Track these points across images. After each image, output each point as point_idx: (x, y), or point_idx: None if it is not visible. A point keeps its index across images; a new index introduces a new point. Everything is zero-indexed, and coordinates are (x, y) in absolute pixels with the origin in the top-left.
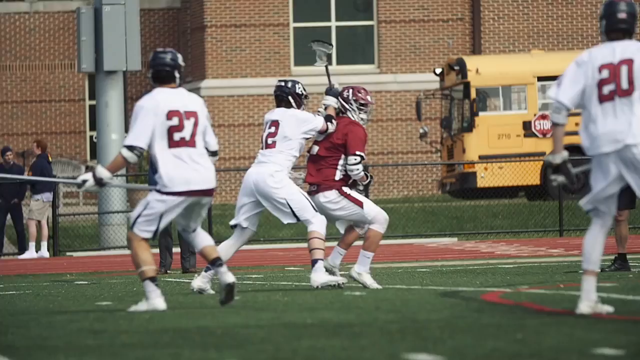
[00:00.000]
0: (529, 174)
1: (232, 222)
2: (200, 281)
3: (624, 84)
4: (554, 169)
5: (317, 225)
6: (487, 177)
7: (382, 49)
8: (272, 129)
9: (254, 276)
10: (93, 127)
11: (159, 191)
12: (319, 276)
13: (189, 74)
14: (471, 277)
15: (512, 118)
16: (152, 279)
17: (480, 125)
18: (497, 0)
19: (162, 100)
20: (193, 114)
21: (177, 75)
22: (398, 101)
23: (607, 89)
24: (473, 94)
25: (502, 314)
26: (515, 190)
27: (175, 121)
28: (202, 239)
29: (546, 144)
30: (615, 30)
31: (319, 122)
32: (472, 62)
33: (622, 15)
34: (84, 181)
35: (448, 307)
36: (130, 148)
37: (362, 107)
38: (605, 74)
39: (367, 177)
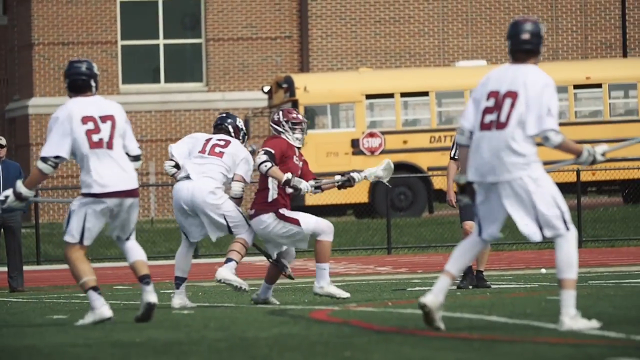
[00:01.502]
0: (357, 192)
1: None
2: (178, 299)
3: (502, 117)
4: (460, 189)
5: (246, 234)
6: (316, 195)
7: (210, 67)
8: (222, 142)
9: (82, 295)
10: None
11: (82, 193)
12: (225, 271)
13: (17, 92)
14: (299, 295)
15: (340, 136)
16: (95, 289)
17: (308, 143)
18: (325, 19)
19: (75, 108)
20: (109, 117)
21: (93, 84)
22: None
23: (488, 118)
24: (301, 112)
25: (330, 332)
26: (343, 208)
27: (90, 125)
28: (134, 252)
29: (374, 162)
30: (519, 50)
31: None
32: (300, 80)
33: (525, 36)
34: (6, 197)
35: (277, 325)
36: (44, 159)
37: (295, 127)
38: (490, 102)
39: (285, 177)
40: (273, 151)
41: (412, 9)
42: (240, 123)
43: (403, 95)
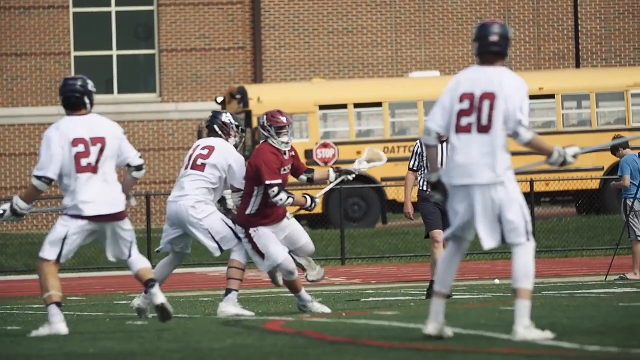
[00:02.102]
0: None
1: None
2: (139, 300)
3: (484, 120)
4: (432, 187)
5: (238, 254)
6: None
7: (163, 78)
8: (206, 152)
9: (35, 306)
10: None
11: (67, 214)
12: (227, 306)
13: None
14: (254, 305)
15: (294, 147)
16: (58, 304)
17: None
18: (278, 30)
19: (67, 129)
20: (100, 140)
21: (87, 101)
22: (180, 130)
23: (465, 121)
24: (255, 123)
25: (284, 343)
26: (297, 218)
27: (81, 148)
28: (137, 263)
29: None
30: (487, 52)
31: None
32: (253, 91)
33: (494, 38)
34: (4, 211)
35: (231, 335)
36: (38, 177)
37: (280, 131)
38: (465, 104)
39: (306, 200)
40: (280, 181)
41: (365, 20)
42: (228, 118)
43: (356, 106)
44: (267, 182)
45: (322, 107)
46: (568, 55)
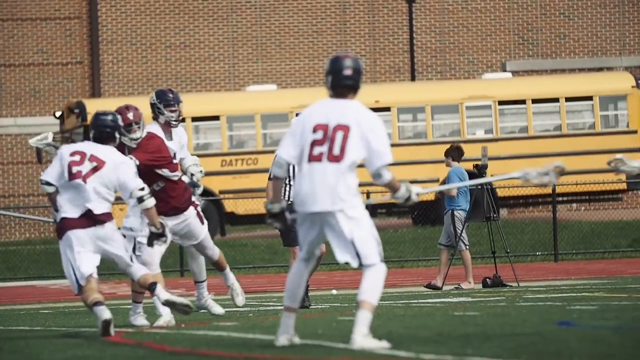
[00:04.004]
0: None
1: None
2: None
3: (336, 150)
4: (272, 216)
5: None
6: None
7: (2, 92)
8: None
9: None
10: None
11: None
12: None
13: None
14: (94, 318)
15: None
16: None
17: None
18: (116, 44)
19: (74, 147)
20: (94, 160)
21: (117, 135)
22: (19, 144)
23: (318, 150)
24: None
25: (124, 354)
26: None
27: (76, 159)
28: (137, 271)
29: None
30: (340, 86)
31: None
32: (92, 105)
33: (347, 72)
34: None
35: (71, 347)
36: (42, 181)
37: (128, 128)
38: (318, 134)
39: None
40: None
41: (202, 34)
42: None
43: (194, 119)
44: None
45: None
46: (403, 68)
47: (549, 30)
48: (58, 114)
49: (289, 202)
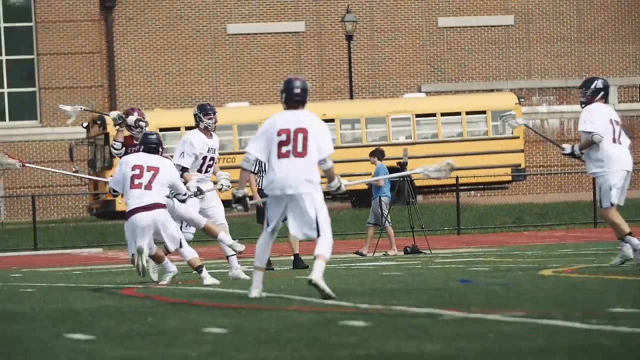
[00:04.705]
0: None
1: None
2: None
3: (299, 148)
4: (236, 200)
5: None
6: (123, 203)
7: (43, 108)
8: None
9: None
10: None
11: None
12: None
13: None
14: (113, 277)
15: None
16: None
17: (116, 165)
18: (127, 72)
19: (131, 158)
20: (154, 169)
21: (160, 149)
22: (56, 147)
23: (285, 149)
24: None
25: (136, 304)
26: None
27: (136, 171)
28: (187, 253)
29: None
30: (292, 101)
31: None
32: (109, 119)
33: (297, 90)
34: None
35: (96, 299)
36: (110, 189)
37: (138, 124)
38: (283, 137)
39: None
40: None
41: (192, 64)
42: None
43: (187, 128)
44: None
45: None
46: (344, 89)
47: (453, 61)
48: (85, 124)
49: (259, 189)
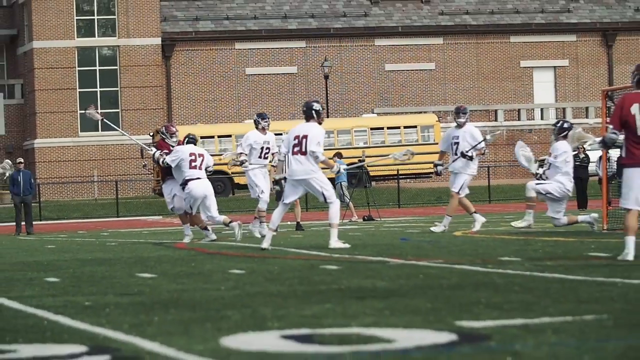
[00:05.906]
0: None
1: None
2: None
3: (303, 148)
4: (275, 182)
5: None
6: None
7: (123, 123)
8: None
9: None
10: None
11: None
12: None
13: None
14: (169, 235)
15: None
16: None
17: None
18: (180, 99)
19: (185, 148)
20: (201, 155)
21: (195, 143)
22: (134, 149)
23: (296, 149)
24: None
25: (186, 254)
26: None
27: (193, 157)
28: (218, 217)
29: None
30: (306, 115)
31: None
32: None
33: (304, 109)
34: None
35: (158, 250)
36: (166, 163)
37: (172, 135)
38: (296, 140)
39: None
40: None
41: (207, 94)
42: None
43: (202, 137)
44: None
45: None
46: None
47: (395, 91)
48: (151, 133)
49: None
